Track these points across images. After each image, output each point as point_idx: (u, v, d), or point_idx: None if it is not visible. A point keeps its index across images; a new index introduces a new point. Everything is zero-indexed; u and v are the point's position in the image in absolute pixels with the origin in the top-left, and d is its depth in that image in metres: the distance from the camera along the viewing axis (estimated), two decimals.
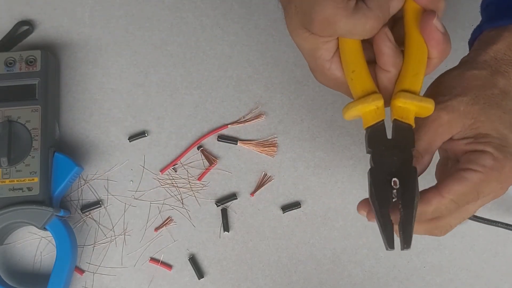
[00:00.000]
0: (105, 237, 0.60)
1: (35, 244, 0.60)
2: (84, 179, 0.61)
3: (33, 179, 0.57)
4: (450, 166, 0.46)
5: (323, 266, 0.59)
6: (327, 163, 0.62)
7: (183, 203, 0.61)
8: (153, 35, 0.65)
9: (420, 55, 0.43)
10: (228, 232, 0.60)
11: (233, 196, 0.61)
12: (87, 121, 0.63)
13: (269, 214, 0.61)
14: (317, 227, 0.60)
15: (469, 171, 0.42)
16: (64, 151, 0.60)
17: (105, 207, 0.61)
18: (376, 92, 0.43)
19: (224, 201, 0.61)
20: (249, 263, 0.60)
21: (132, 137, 0.62)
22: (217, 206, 0.61)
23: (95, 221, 0.60)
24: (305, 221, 0.60)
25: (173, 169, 0.62)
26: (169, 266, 0.59)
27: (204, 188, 0.61)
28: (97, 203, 0.60)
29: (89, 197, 0.61)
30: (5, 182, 0.57)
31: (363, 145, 0.45)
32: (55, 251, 0.57)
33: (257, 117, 0.63)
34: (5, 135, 0.57)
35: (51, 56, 0.62)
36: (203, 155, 0.62)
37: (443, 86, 0.46)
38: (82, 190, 0.61)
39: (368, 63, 0.44)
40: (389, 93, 0.44)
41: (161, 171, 0.62)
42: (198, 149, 0.62)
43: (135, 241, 0.60)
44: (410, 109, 0.43)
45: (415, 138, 0.44)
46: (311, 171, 0.62)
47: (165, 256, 0.60)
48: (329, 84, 0.47)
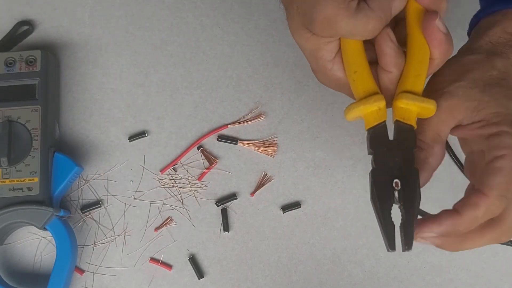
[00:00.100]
0: (105, 237, 0.60)
1: (35, 244, 0.60)
2: (84, 179, 0.61)
3: (33, 179, 0.57)
4: (477, 160, 0.44)
5: (323, 266, 0.60)
6: (327, 163, 0.62)
7: (183, 203, 0.61)
8: (153, 35, 0.65)
9: (422, 56, 0.43)
10: (228, 232, 0.60)
11: (233, 196, 0.61)
12: (87, 121, 0.63)
13: (269, 214, 0.61)
14: (317, 227, 0.60)
15: (497, 160, 0.40)
16: (64, 151, 0.60)
17: (105, 207, 0.61)
18: (378, 93, 0.43)
19: (224, 201, 0.61)
20: (249, 263, 0.60)
21: (132, 137, 0.62)
22: (217, 206, 0.61)
23: (95, 221, 0.60)
24: (305, 221, 0.60)
25: (173, 169, 0.62)
26: (169, 266, 0.59)
27: (204, 188, 0.61)
28: (97, 203, 0.60)
29: (89, 197, 0.61)
30: (5, 182, 0.57)
31: (363, 145, 0.45)
32: (55, 251, 0.56)
33: (257, 117, 0.63)
34: (5, 135, 0.57)
35: (51, 56, 0.62)
36: (203, 155, 0.62)
37: (440, 76, 0.46)
38: (82, 190, 0.61)
39: (370, 64, 0.44)
40: (391, 94, 0.44)
41: (161, 171, 0.62)
42: (198, 149, 0.62)
43: (135, 241, 0.60)
44: (412, 110, 0.43)
45: (420, 130, 0.43)
46: (311, 171, 0.62)
47: (165, 256, 0.60)
48: (331, 84, 0.47)
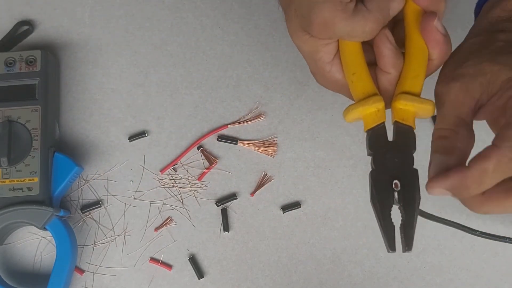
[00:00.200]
0: (105, 237, 0.60)
1: (35, 244, 0.60)
2: (84, 179, 0.61)
3: (33, 179, 0.57)
4: None
5: (323, 266, 0.60)
6: (327, 163, 0.62)
7: (183, 203, 0.61)
8: (153, 35, 0.65)
9: (420, 57, 0.43)
10: (228, 232, 0.60)
11: (233, 196, 0.61)
12: (87, 121, 0.63)
13: (269, 214, 0.61)
14: (317, 227, 0.60)
15: None
16: (64, 151, 0.60)
17: (105, 207, 0.61)
18: (376, 94, 0.43)
19: (224, 201, 0.61)
20: (249, 263, 0.60)
21: (132, 137, 0.62)
22: (217, 206, 0.61)
23: (95, 221, 0.60)
24: (305, 221, 0.60)
25: (173, 169, 0.62)
26: (169, 266, 0.59)
27: (204, 188, 0.61)
28: (97, 203, 0.60)
29: (89, 197, 0.61)
30: (5, 182, 0.57)
31: (363, 145, 0.45)
32: (55, 251, 0.57)
33: (257, 117, 0.63)
34: (5, 135, 0.57)
35: (51, 56, 0.62)
36: (203, 155, 0.62)
37: (446, 65, 0.45)
38: (82, 190, 0.61)
39: (368, 65, 0.44)
40: (390, 95, 0.44)
41: (161, 171, 0.62)
42: (198, 149, 0.62)
43: (135, 241, 0.60)
44: (410, 111, 0.43)
45: (440, 119, 0.42)
46: (311, 171, 0.62)
47: (165, 256, 0.60)
48: (330, 86, 0.47)
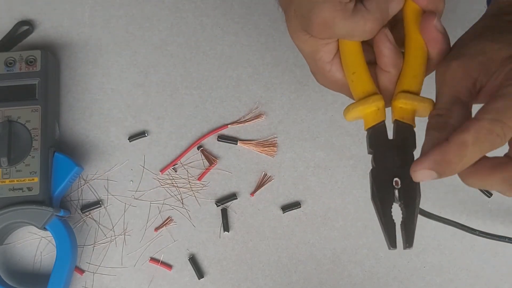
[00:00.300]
0: (105, 237, 0.60)
1: (35, 244, 0.60)
2: (84, 179, 0.61)
3: (33, 179, 0.57)
4: None
5: (323, 266, 0.60)
6: (327, 163, 0.62)
7: (183, 203, 0.61)
8: (153, 35, 0.65)
9: (420, 56, 0.43)
10: (228, 232, 0.60)
11: (233, 196, 0.61)
12: (87, 121, 0.63)
13: (269, 214, 0.61)
14: (317, 227, 0.60)
15: (505, 88, 0.37)
16: (64, 151, 0.60)
17: (105, 207, 0.61)
18: (376, 93, 0.44)
19: (224, 201, 0.61)
20: (249, 263, 0.60)
21: (132, 137, 0.62)
22: (217, 206, 0.61)
23: (95, 221, 0.60)
24: (305, 221, 0.60)
25: (173, 169, 0.62)
26: (169, 266, 0.59)
27: (204, 188, 0.61)
28: (97, 203, 0.60)
29: (89, 197, 0.61)
30: (5, 182, 0.57)
31: (363, 145, 0.45)
32: (55, 251, 0.57)
33: (257, 117, 0.63)
34: (5, 135, 0.57)
35: (51, 56, 0.62)
36: (203, 155, 0.62)
37: (451, 48, 0.44)
38: (82, 190, 0.61)
39: (368, 64, 0.44)
40: (390, 94, 0.44)
41: (161, 171, 0.62)
42: (198, 149, 0.62)
43: (135, 241, 0.60)
44: (410, 109, 0.43)
45: (438, 98, 0.41)
46: (311, 171, 0.62)
47: (165, 256, 0.60)
48: (330, 86, 0.47)
